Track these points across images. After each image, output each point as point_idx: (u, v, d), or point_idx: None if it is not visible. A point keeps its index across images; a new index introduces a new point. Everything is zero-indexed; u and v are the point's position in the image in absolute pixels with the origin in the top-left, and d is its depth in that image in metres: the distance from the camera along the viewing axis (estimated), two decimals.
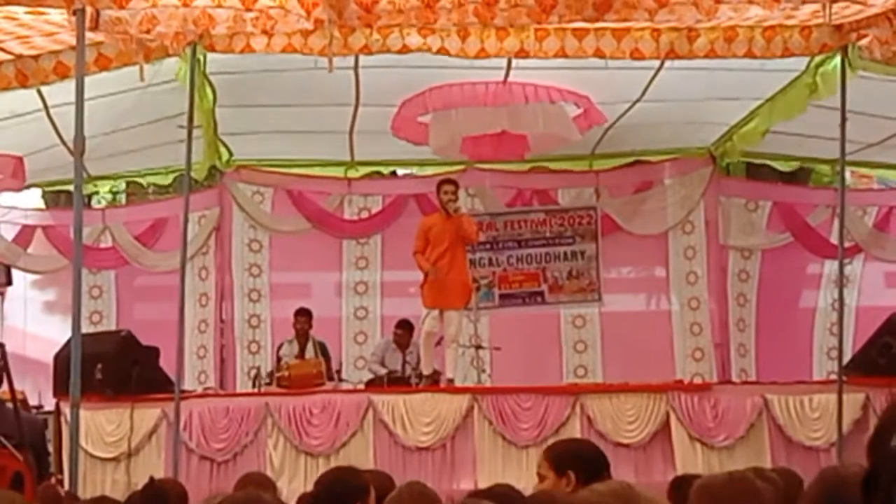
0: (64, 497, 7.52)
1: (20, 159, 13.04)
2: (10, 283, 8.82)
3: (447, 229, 12.96)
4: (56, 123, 12.22)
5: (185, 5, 9.18)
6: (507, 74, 12.31)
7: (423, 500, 5.24)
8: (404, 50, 10.83)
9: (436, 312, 12.94)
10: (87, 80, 9.38)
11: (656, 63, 11.94)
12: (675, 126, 14.44)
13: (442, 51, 10.85)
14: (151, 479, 5.83)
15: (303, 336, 13.99)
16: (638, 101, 13.25)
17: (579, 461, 4.98)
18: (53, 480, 9.82)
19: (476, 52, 10.90)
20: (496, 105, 12.52)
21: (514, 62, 11.85)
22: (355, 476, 5.43)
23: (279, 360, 13.88)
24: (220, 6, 9.27)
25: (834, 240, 12.88)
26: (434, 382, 12.77)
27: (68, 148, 10.56)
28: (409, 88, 12.51)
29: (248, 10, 9.42)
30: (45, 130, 12.44)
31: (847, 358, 12.52)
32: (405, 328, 13.94)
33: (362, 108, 13.31)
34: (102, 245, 15.71)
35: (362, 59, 11.71)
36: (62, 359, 10.94)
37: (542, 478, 4.97)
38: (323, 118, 13.73)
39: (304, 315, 14.07)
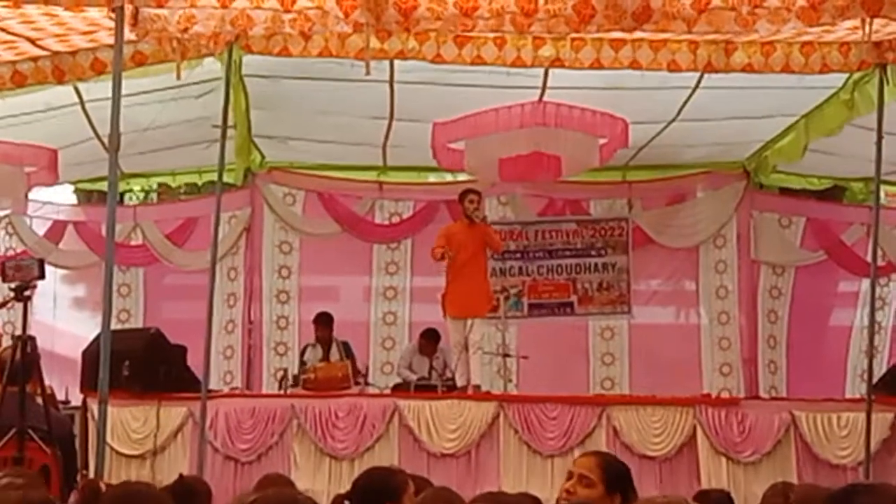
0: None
1: (55, 152, 13.08)
2: (42, 276, 8.79)
3: (470, 237, 12.94)
4: (91, 118, 12.25)
5: (224, 7, 9.18)
6: (542, 93, 12.28)
7: None
8: (438, 59, 10.83)
9: (459, 323, 12.91)
10: (123, 78, 9.40)
11: (692, 83, 11.91)
12: (709, 143, 14.39)
13: (478, 60, 10.86)
14: (181, 475, 5.80)
15: (325, 343, 13.94)
16: (673, 120, 13.22)
17: (628, 485, 4.90)
18: (80, 476, 9.83)
19: (512, 59, 10.90)
20: (530, 126, 12.49)
21: (551, 80, 11.82)
22: (391, 476, 5.40)
23: (303, 364, 13.84)
24: (258, 7, 9.27)
25: (869, 258, 12.78)
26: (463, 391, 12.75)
27: (103, 143, 10.57)
28: (445, 105, 12.47)
29: (287, 11, 9.40)
30: (80, 125, 12.47)
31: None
32: (430, 339, 13.87)
33: (396, 122, 13.32)
34: (133, 242, 15.75)
35: (398, 74, 11.71)
36: (90, 355, 10.95)
37: (588, 482, 4.82)
38: (356, 130, 13.74)
39: (324, 322, 13.98)
